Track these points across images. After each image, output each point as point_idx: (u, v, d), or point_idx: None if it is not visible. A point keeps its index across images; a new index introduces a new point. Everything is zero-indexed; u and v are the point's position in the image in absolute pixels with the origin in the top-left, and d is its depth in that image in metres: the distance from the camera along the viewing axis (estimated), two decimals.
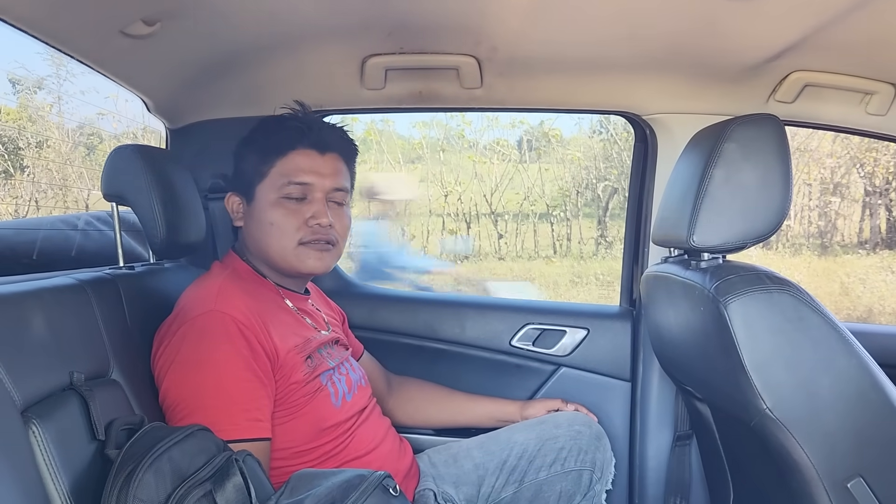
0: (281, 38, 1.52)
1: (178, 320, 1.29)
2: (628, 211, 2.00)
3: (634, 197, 1.96)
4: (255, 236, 1.44)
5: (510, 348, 1.95)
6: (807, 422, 1.11)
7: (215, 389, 1.23)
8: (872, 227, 7.26)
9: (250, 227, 1.45)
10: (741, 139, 1.23)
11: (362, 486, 1.05)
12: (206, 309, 1.28)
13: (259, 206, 1.43)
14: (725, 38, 1.48)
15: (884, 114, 1.68)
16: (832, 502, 1.11)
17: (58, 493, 0.93)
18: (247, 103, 1.79)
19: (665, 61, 1.61)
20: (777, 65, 1.59)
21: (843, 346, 1.11)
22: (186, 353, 1.25)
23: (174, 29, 1.36)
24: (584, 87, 1.78)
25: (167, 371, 1.25)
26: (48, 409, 0.96)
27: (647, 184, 1.88)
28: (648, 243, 1.88)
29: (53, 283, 1.15)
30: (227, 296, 1.31)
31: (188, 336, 1.26)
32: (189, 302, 1.33)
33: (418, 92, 1.76)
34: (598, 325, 1.94)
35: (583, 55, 1.61)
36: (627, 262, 2.00)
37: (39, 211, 4.03)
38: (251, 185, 1.44)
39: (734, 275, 1.16)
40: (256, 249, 1.45)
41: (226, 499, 1.00)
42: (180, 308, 1.33)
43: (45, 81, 3.40)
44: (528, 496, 1.60)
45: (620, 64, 1.65)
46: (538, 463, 1.60)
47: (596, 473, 1.62)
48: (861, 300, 6.17)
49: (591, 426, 1.67)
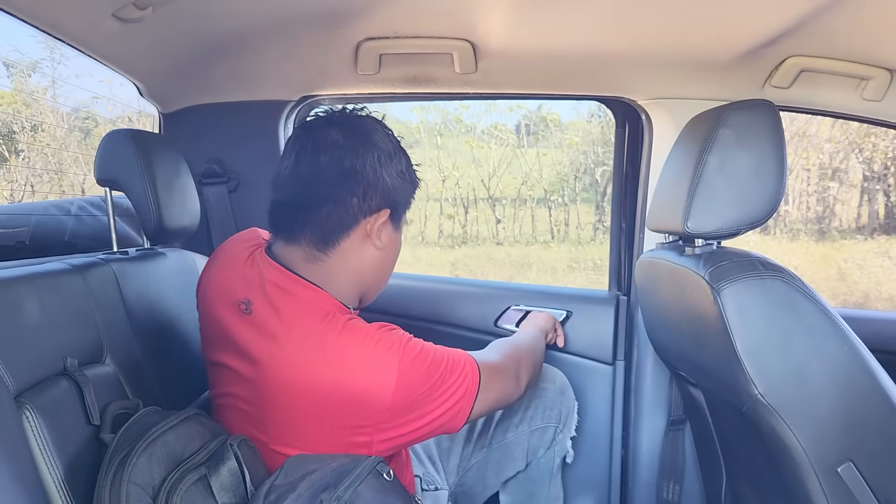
0: (274, 21, 1.51)
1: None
2: (613, 197, 2.02)
3: (619, 183, 1.98)
4: (376, 265, 1.26)
5: (495, 329, 1.98)
6: (798, 407, 1.12)
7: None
8: (870, 212, 7.26)
9: (375, 255, 1.25)
10: (736, 125, 1.23)
11: (356, 470, 1.06)
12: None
13: (397, 237, 1.28)
14: (721, 24, 1.47)
15: (879, 99, 1.68)
16: (822, 486, 1.12)
17: (52, 479, 0.93)
18: (240, 88, 1.78)
19: (660, 47, 1.61)
20: (772, 50, 1.58)
21: (835, 333, 1.11)
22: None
23: (166, 12, 1.35)
24: (580, 72, 1.77)
25: None
26: (42, 394, 0.97)
27: (643, 170, 1.88)
28: (644, 229, 1.88)
29: (47, 269, 1.15)
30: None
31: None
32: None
33: (413, 76, 1.75)
34: (580, 309, 1.96)
35: (578, 41, 1.60)
36: (615, 247, 2.01)
37: (35, 196, 4.02)
38: (403, 209, 1.27)
39: (728, 261, 1.17)
40: (363, 279, 1.26)
41: (220, 483, 1.00)
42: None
43: (38, 65, 3.37)
44: (496, 457, 1.66)
45: (615, 50, 1.64)
46: (504, 424, 1.65)
47: (559, 425, 1.67)
48: (858, 285, 6.18)
49: (556, 380, 1.71)
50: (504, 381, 1.34)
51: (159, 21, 1.37)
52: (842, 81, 1.68)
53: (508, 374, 1.36)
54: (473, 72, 1.71)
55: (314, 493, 1.02)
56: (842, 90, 1.70)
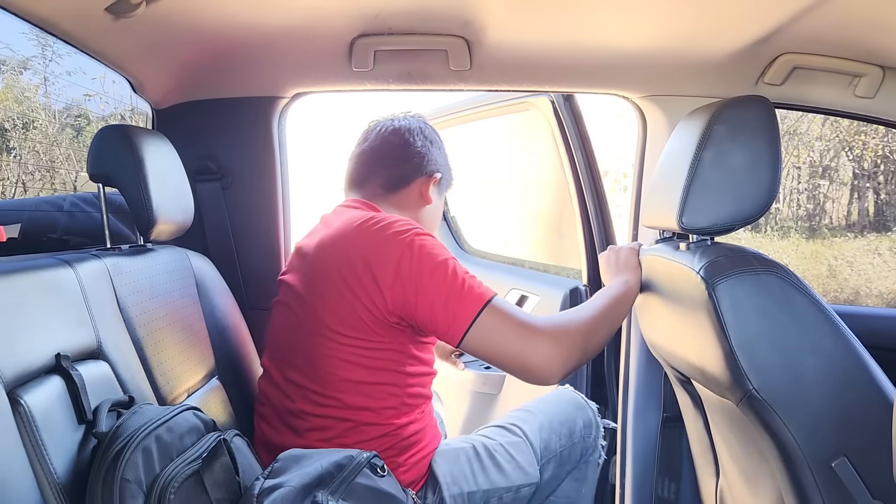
0: (268, 17, 1.50)
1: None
2: (576, 192, 2.07)
3: (574, 180, 2.02)
4: (424, 217, 1.62)
5: None
6: (792, 402, 1.12)
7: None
8: (860, 209, 7.29)
9: (425, 208, 1.62)
10: (730, 121, 1.23)
11: (350, 465, 1.06)
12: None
13: (440, 202, 1.67)
14: (714, 21, 1.48)
15: (872, 96, 1.68)
16: (817, 481, 1.13)
17: (45, 475, 0.93)
18: (234, 84, 1.78)
19: (654, 44, 1.61)
20: (766, 47, 1.59)
21: (829, 328, 1.12)
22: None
23: (159, 7, 1.35)
24: (573, 69, 1.77)
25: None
26: (35, 390, 0.96)
27: (637, 166, 1.88)
28: (638, 225, 1.88)
29: (40, 264, 1.14)
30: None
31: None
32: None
33: (407, 73, 1.75)
34: (549, 296, 2.00)
35: (571, 38, 1.60)
36: (588, 242, 2.04)
37: (27, 193, 4.00)
38: (446, 184, 1.68)
39: (722, 256, 1.17)
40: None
41: (213, 479, 1.00)
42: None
43: (30, 62, 3.35)
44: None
45: (609, 47, 1.64)
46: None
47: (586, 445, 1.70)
48: (848, 282, 6.20)
49: (575, 402, 1.73)
50: (515, 338, 1.28)
51: (152, 16, 1.36)
52: (834, 78, 1.68)
53: (529, 334, 1.28)
54: (468, 68, 1.71)
55: (308, 487, 1.02)
56: (834, 87, 1.71)
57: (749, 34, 1.52)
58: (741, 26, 1.49)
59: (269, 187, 1.86)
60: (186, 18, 1.46)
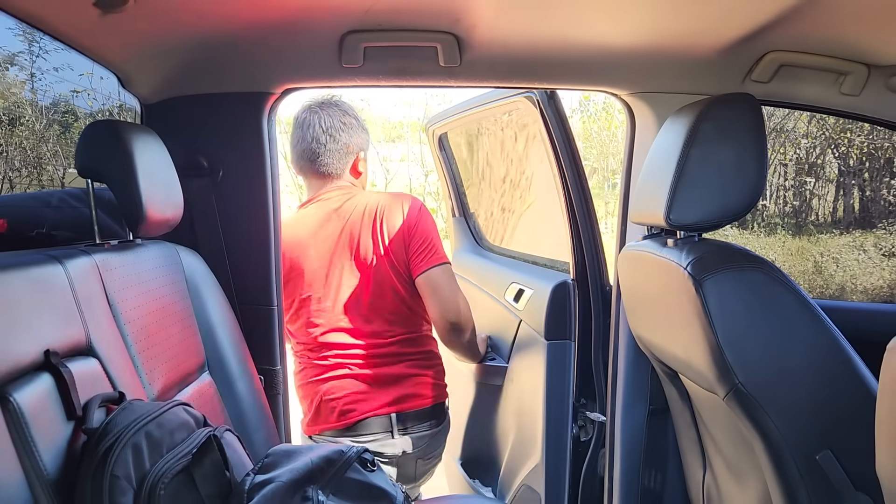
0: (257, 12, 1.50)
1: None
2: (562, 189, 2.10)
3: (559, 178, 2.04)
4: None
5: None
6: (777, 396, 1.13)
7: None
8: (846, 206, 7.34)
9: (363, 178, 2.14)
10: (718, 118, 1.24)
11: (341, 460, 1.06)
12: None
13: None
14: (701, 19, 1.49)
15: (857, 94, 1.70)
16: (801, 474, 1.14)
17: (34, 471, 0.92)
18: (223, 79, 1.77)
19: (642, 41, 1.62)
20: (752, 45, 1.60)
21: (813, 323, 1.13)
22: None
23: (147, 3, 1.34)
24: (562, 66, 1.78)
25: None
26: (23, 387, 0.95)
27: (625, 163, 1.89)
28: (626, 221, 1.89)
29: (28, 260, 1.13)
30: None
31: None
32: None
33: (397, 69, 1.75)
34: (540, 290, 2.05)
35: (560, 35, 1.60)
36: (574, 238, 2.06)
37: (14, 189, 3.97)
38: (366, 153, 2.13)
39: (709, 252, 1.18)
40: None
41: (203, 475, 1.00)
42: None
43: (16, 57, 3.32)
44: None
45: (598, 44, 1.65)
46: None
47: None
48: (834, 278, 6.26)
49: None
50: (458, 293, 1.92)
51: (141, 11, 1.36)
52: (821, 76, 1.70)
53: (459, 296, 1.92)
54: (458, 65, 1.71)
55: (298, 483, 1.02)
56: (821, 85, 1.72)
57: (736, 32, 1.53)
58: (728, 24, 1.50)
59: (259, 182, 1.86)
60: (175, 13, 1.45)
